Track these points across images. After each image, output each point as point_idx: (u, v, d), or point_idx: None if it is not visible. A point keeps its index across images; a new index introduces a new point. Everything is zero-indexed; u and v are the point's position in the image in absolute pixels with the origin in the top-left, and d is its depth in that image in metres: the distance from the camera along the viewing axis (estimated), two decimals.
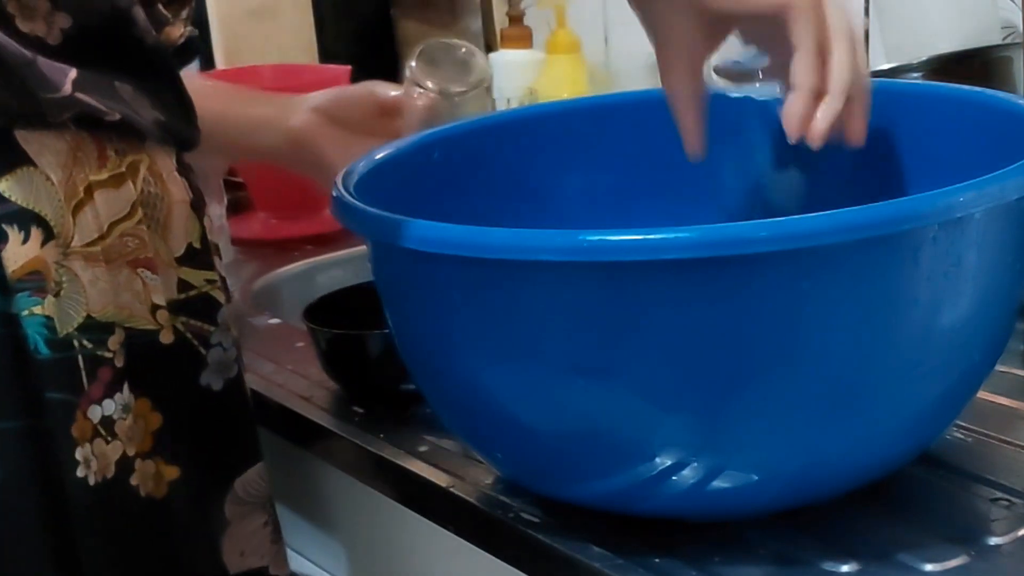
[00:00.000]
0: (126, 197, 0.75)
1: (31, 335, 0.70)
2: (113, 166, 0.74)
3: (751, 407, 0.58)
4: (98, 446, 0.73)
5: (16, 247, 0.70)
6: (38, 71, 0.70)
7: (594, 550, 0.65)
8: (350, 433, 0.84)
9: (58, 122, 0.71)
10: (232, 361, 0.82)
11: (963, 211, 0.56)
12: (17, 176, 0.70)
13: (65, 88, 0.71)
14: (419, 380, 0.71)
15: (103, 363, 0.73)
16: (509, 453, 0.68)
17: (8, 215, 0.70)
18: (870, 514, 0.65)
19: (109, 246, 0.73)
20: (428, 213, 0.61)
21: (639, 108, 0.87)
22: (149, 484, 0.76)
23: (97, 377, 0.73)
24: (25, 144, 0.70)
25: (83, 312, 0.72)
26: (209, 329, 0.80)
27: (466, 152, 0.82)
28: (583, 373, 0.58)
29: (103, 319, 0.73)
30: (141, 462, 0.76)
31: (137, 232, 0.75)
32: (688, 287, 0.56)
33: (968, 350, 0.62)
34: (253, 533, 0.84)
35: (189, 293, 0.79)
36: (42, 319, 0.70)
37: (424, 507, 0.78)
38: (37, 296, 0.70)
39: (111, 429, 0.74)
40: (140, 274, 0.75)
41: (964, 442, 0.72)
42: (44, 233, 0.70)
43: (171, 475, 0.78)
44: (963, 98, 0.75)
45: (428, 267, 0.61)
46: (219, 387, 0.81)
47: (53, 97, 0.71)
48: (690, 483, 0.61)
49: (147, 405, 0.76)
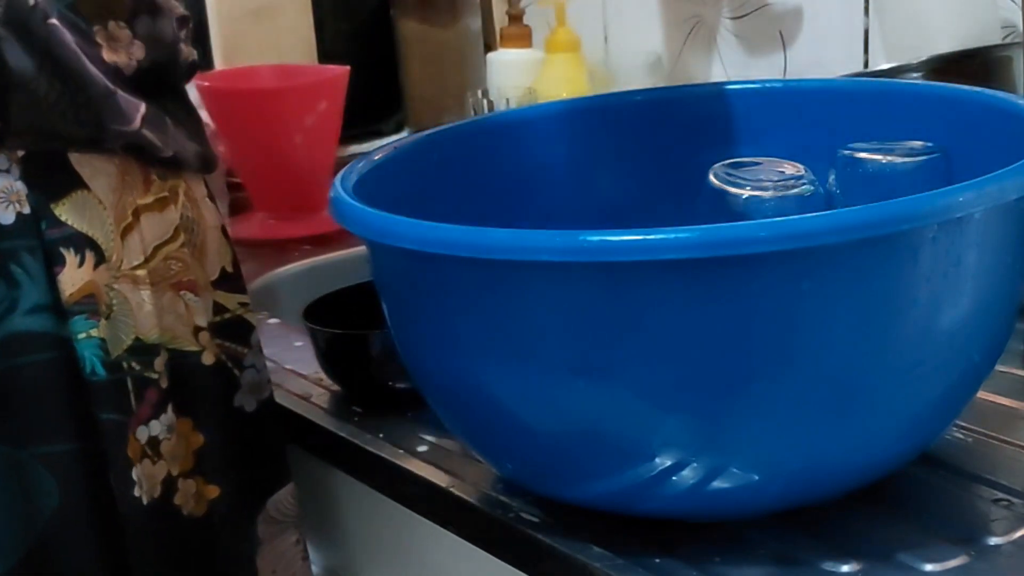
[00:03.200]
0: (169, 220, 0.76)
1: (88, 357, 0.71)
2: (157, 190, 0.75)
3: (751, 407, 0.58)
4: (146, 467, 0.74)
5: (72, 270, 0.70)
6: (116, 104, 0.71)
7: (594, 550, 0.65)
8: (350, 433, 0.84)
9: (110, 148, 0.72)
10: (265, 383, 0.83)
11: (962, 211, 0.56)
12: (73, 200, 0.71)
13: (135, 123, 0.72)
14: (419, 380, 0.71)
15: (150, 384, 0.74)
16: (509, 453, 0.68)
17: (65, 239, 0.71)
18: (870, 514, 0.65)
19: (154, 269, 0.74)
20: (428, 213, 0.61)
21: (639, 108, 0.87)
22: (191, 503, 0.77)
23: (144, 398, 0.74)
24: (79, 167, 0.71)
25: (132, 334, 0.73)
26: (243, 351, 0.81)
27: (466, 152, 0.82)
28: (583, 373, 0.58)
29: (149, 341, 0.74)
30: (183, 481, 0.77)
31: (180, 255, 0.76)
32: (688, 287, 0.56)
33: (968, 350, 0.62)
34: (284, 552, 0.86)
35: (224, 316, 0.80)
36: (98, 341, 0.71)
37: (424, 507, 0.78)
38: (93, 319, 0.71)
39: (157, 449, 0.75)
40: (183, 296, 0.76)
41: (964, 442, 0.72)
42: (96, 256, 0.71)
43: (211, 494, 0.79)
44: (963, 98, 0.75)
45: (428, 267, 0.61)
46: (252, 408, 0.82)
47: (122, 129, 0.72)
48: (690, 483, 0.61)
49: (188, 425, 0.78)
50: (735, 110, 0.84)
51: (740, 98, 0.85)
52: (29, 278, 0.69)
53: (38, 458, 0.70)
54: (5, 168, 0.69)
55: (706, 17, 1.40)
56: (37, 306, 0.70)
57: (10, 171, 0.69)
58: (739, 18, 1.37)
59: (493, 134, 0.84)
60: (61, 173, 0.71)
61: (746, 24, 1.36)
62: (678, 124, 0.85)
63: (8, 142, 0.69)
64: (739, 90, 0.86)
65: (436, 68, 1.64)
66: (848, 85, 0.88)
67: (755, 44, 1.35)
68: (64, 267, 0.70)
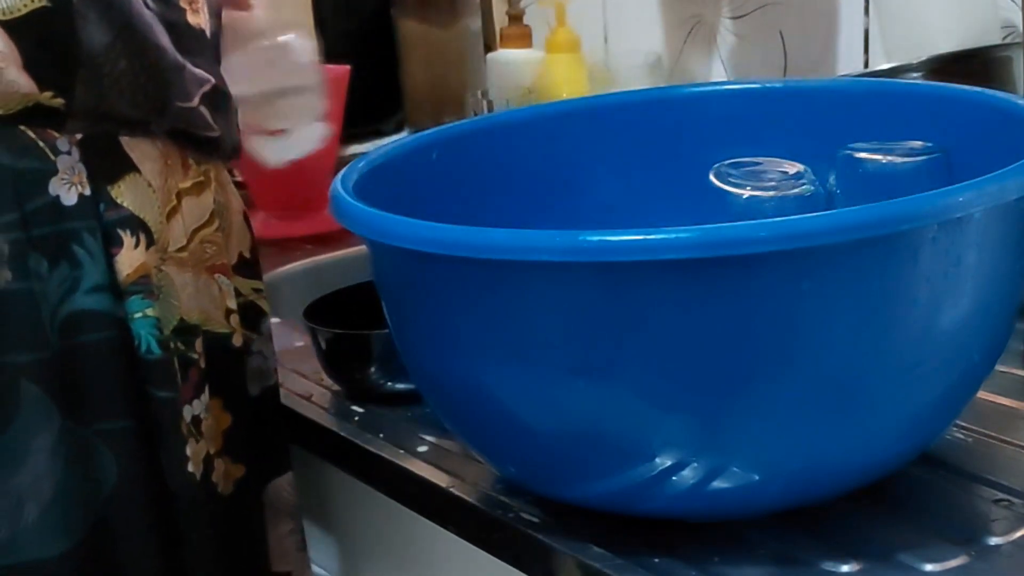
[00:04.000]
0: (206, 204, 0.77)
1: (144, 336, 0.72)
2: (195, 174, 0.76)
3: (751, 407, 0.58)
4: (191, 445, 0.75)
5: (129, 252, 0.71)
6: (183, 78, 0.72)
7: (594, 550, 0.65)
8: (350, 433, 0.84)
9: (156, 132, 0.72)
10: (271, 371, 0.84)
11: (963, 211, 0.56)
12: (128, 182, 0.72)
13: (195, 100, 0.73)
14: (419, 380, 0.71)
15: (192, 364, 0.75)
16: (509, 453, 0.68)
17: (121, 220, 0.71)
18: (870, 514, 0.65)
19: (192, 251, 0.76)
20: (428, 213, 0.61)
21: (639, 108, 0.87)
22: (222, 482, 0.78)
23: (189, 378, 0.75)
24: (130, 150, 0.72)
25: (177, 315, 0.75)
26: (252, 336, 0.82)
27: (466, 152, 0.82)
28: (583, 373, 0.58)
29: (191, 322, 0.75)
30: (217, 461, 0.78)
31: (215, 239, 0.77)
32: (688, 287, 0.56)
33: (968, 350, 0.62)
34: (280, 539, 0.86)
35: (239, 300, 0.81)
36: (154, 320, 0.72)
37: (424, 507, 0.78)
38: (148, 299, 0.72)
39: (199, 428, 0.76)
40: (217, 279, 0.77)
41: (964, 442, 0.72)
42: (148, 239, 0.72)
43: (237, 473, 0.80)
44: (963, 98, 0.75)
45: (428, 267, 0.61)
46: (256, 393, 0.82)
47: (182, 106, 0.72)
48: (690, 483, 0.61)
49: (219, 405, 0.79)
50: (735, 110, 0.84)
51: (740, 98, 0.85)
52: (90, 258, 0.70)
53: (98, 435, 0.71)
54: (66, 150, 0.70)
55: (706, 17, 1.40)
56: (97, 286, 0.70)
57: (71, 153, 0.70)
58: (739, 18, 1.37)
59: (493, 134, 0.84)
60: (115, 156, 0.71)
61: (746, 24, 1.36)
62: (678, 124, 0.85)
63: (68, 124, 0.69)
64: (739, 90, 0.86)
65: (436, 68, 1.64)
66: (848, 85, 0.88)
67: (755, 44, 1.35)
68: (122, 248, 0.71)
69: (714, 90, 0.90)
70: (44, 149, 0.69)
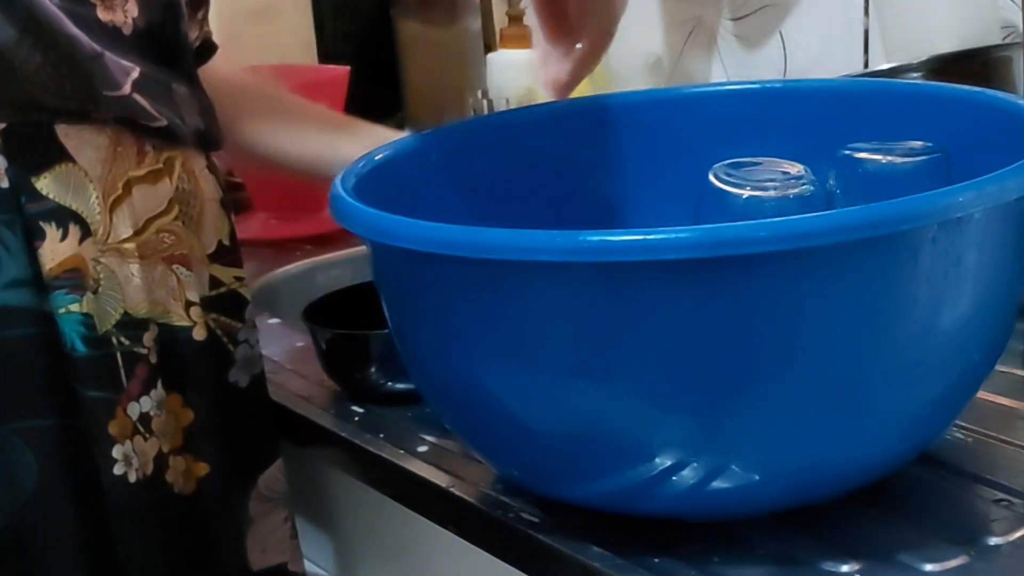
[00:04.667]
0: (163, 193, 0.75)
1: (67, 333, 0.71)
2: (151, 162, 0.74)
3: (751, 407, 0.58)
4: (138, 443, 0.73)
5: (54, 244, 0.70)
6: (104, 67, 0.70)
7: (594, 550, 0.65)
8: (350, 433, 0.84)
9: (101, 119, 0.71)
10: (257, 358, 0.83)
11: (962, 211, 0.56)
12: (56, 173, 0.70)
13: (125, 88, 0.71)
14: (419, 380, 0.71)
15: (139, 360, 0.73)
16: (509, 453, 0.68)
17: (45, 212, 0.70)
18: (870, 514, 0.65)
19: (145, 242, 0.74)
20: (428, 213, 0.61)
21: (639, 108, 0.86)
22: (180, 481, 0.76)
23: (135, 374, 0.73)
24: (65, 139, 0.70)
25: (121, 309, 0.73)
26: (237, 326, 0.81)
27: (466, 152, 0.82)
28: (583, 373, 0.58)
29: (138, 316, 0.73)
30: (174, 459, 0.76)
31: (173, 228, 0.75)
32: (688, 287, 0.56)
33: (968, 350, 0.62)
34: (274, 530, 0.85)
35: (219, 290, 0.79)
36: (79, 316, 0.71)
37: (424, 507, 0.78)
38: (75, 294, 0.70)
39: (149, 426, 0.74)
40: (175, 270, 0.76)
41: (964, 442, 0.72)
42: (82, 230, 0.71)
43: (200, 471, 0.78)
44: (963, 98, 0.75)
45: (428, 267, 0.61)
46: (245, 383, 0.81)
47: (111, 95, 0.71)
48: (690, 483, 0.61)
49: (179, 401, 0.77)
50: (735, 110, 0.84)
51: (740, 98, 0.85)
52: (7, 252, 0.69)
53: (16, 433, 0.70)
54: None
55: (706, 18, 1.40)
56: (15, 280, 0.69)
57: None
58: (739, 19, 1.37)
59: (493, 134, 0.84)
60: (44, 146, 0.70)
61: (746, 25, 1.36)
62: (678, 124, 0.85)
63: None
64: (739, 90, 0.86)
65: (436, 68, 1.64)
66: (848, 85, 0.88)
67: (755, 44, 1.35)
68: (44, 241, 0.69)
69: (714, 90, 0.90)
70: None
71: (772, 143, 0.80)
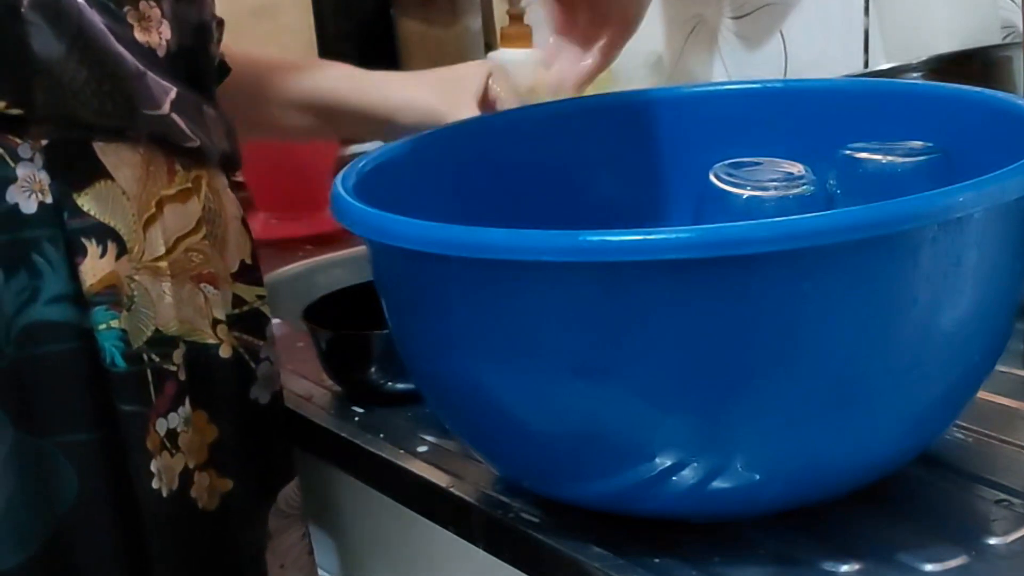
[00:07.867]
0: (192, 212, 0.76)
1: (108, 348, 0.71)
2: (181, 180, 0.75)
3: (751, 407, 0.58)
4: (165, 459, 0.74)
5: (94, 261, 0.70)
6: (147, 86, 0.71)
7: (594, 550, 0.65)
8: (350, 433, 0.84)
9: (135, 137, 0.72)
10: (276, 375, 0.84)
11: (962, 211, 0.56)
12: (96, 190, 0.71)
13: (164, 107, 0.72)
14: (419, 380, 0.71)
15: (169, 376, 0.74)
16: (509, 453, 0.68)
17: (87, 229, 0.70)
18: (870, 514, 0.65)
19: (174, 260, 0.74)
20: (428, 213, 0.61)
21: (639, 108, 0.87)
22: (204, 497, 0.77)
23: (164, 390, 0.74)
24: (103, 157, 0.71)
25: (152, 326, 0.73)
26: (259, 344, 0.82)
27: (466, 152, 0.82)
28: (583, 373, 0.58)
29: (169, 333, 0.74)
30: (199, 474, 0.77)
31: (201, 247, 0.76)
32: (688, 287, 0.56)
33: (968, 350, 0.62)
34: (292, 546, 0.86)
35: (242, 308, 0.80)
36: (118, 332, 0.71)
37: (424, 507, 0.78)
38: (113, 310, 0.71)
39: (175, 442, 0.75)
40: (202, 289, 0.76)
41: (964, 442, 0.72)
42: (118, 248, 0.71)
43: (224, 487, 0.79)
44: (963, 98, 0.75)
45: (428, 267, 0.61)
46: (266, 400, 0.82)
47: (151, 114, 0.72)
48: (690, 483, 0.61)
49: (204, 418, 0.77)
50: (736, 110, 0.84)
51: (740, 98, 0.85)
52: (50, 268, 0.69)
53: (58, 447, 0.70)
54: (28, 157, 0.69)
55: (707, 17, 1.40)
56: (58, 296, 0.69)
57: (33, 160, 0.69)
58: (740, 18, 1.37)
59: (492, 134, 0.84)
60: (85, 162, 0.70)
61: (747, 24, 1.36)
62: (679, 124, 0.85)
63: (32, 130, 0.68)
64: (740, 90, 0.86)
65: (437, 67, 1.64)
66: (848, 85, 0.88)
67: (756, 44, 1.35)
68: (85, 257, 0.70)
69: (714, 90, 0.90)
70: (3, 156, 0.68)
71: (772, 143, 0.80)
